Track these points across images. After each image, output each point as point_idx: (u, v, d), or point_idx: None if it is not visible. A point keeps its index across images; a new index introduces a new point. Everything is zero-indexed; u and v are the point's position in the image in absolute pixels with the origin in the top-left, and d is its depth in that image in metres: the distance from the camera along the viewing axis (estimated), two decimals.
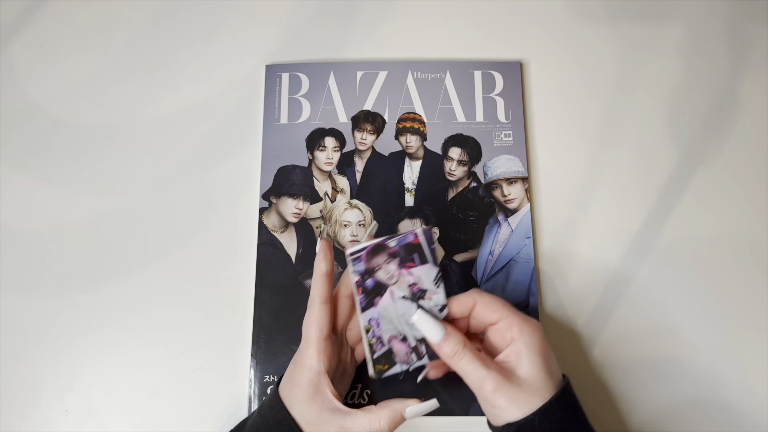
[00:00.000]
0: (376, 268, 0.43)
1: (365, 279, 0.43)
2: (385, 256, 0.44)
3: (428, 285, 0.45)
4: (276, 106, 0.61)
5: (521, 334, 0.43)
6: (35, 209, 0.59)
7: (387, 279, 0.44)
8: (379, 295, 0.44)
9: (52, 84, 0.63)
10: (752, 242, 0.58)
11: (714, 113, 0.62)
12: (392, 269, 0.44)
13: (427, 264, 0.44)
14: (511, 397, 0.42)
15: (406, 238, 0.44)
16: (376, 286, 0.44)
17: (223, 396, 0.53)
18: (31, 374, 0.54)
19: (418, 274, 0.44)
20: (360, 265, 0.43)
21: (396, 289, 0.44)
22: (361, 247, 0.43)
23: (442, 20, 0.65)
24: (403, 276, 0.44)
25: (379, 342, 0.45)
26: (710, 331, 0.55)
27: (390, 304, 0.44)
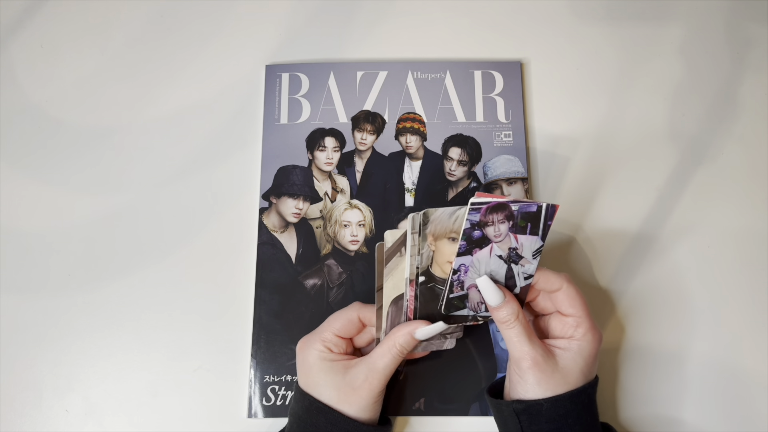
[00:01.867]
0: (489, 223, 0.44)
1: (474, 229, 0.44)
2: (502, 216, 0.44)
3: (526, 254, 0.46)
4: (276, 106, 0.61)
5: (582, 338, 0.46)
6: (35, 209, 0.59)
7: (493, 236, 0.45)
8: (479, 248, 0.45)
9: (52, 84, 0.63)
10: (753, 241, 0.58)
11: (714, 113, 0.62)
12: (503, 229, 0.45)
13: (535, 236, 0.45)
14: (540, 378, 0.44)
15: (529, 207, 0.44)
16: (481, 239, 0.44)
17: (223, 396, 0.53)
18: (31, 374, 0.54)
19: (522, 241, 0.45)
20: (475, 215, 0.44)
21: (497, 247, 0.45)
22: (485, 200, 0.43)
23: (442, 20, 0.65)
24: (508, 238, 0.45)
25: (459, 285, 0.46)
26: (710, 331, 0.55)
27: (485, 258, 0.45)
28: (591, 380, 0.46)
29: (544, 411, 0.44)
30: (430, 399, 0.52)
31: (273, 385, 0.53)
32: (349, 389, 0.46)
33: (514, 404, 0.45)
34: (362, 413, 0.46)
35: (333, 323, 0.49)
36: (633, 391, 0.54)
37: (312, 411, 0.46)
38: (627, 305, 0.56)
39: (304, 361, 0.48)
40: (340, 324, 0.48)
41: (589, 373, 0.46)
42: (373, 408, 0.47)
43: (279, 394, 0.53)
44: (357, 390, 0.46)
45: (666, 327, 0.55)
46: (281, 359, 0.53)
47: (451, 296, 0.46)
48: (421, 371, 0.53)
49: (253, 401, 0.53)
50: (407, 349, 0.47)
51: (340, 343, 0.48)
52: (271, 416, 0.52)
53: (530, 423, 0.45)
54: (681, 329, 0.55)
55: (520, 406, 0.45)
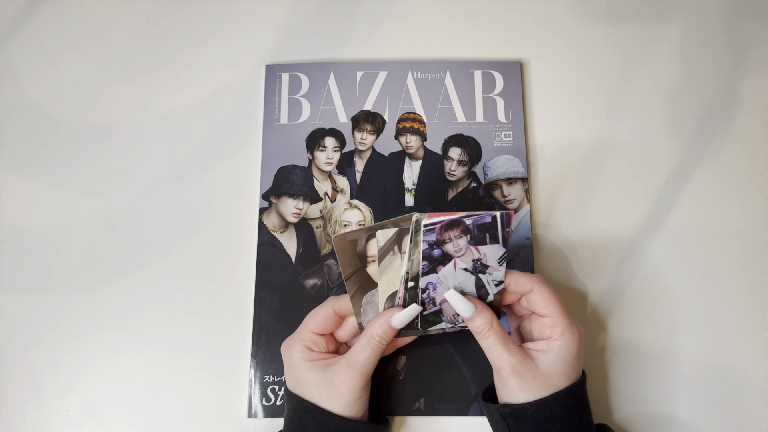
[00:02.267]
0: (446, 240, 0.44)
1: (433, 249, 0.44)
2: (458, 232, 0.44)
3: (491, 262, 0.46)
4: (276, 106, 0.61)
5: (560, 338, 0.46)
6: (35, 209, 0.59)
7: (454, 251, 0.45)
8: (442, 264, 0.45)
9: (52, 84, 0.63)
10: (753, 241, 0.58)
11: (714, 113, 0.62)
12: (461, 244, 0.45)
13: (497, 244, 0.45)
14: (521, 384, 0.45)
15: (483, 219, 0.45)
16: (442, 256, 0.45)
17: (223, 396, 0.53)
18: (31, 374, 0.54)
19: (485, 251, 0.45)
20: (431, 236, 0.44)
21: (460, 261, 0.45)
22: (438, 220, 0.44)
23: (442, 20, 0.65)
24: (470, 251, 0.45)
25: (431, 302, 0.46)
26: (710, 331, 0.55)
27: (451, 273, 0.46)
28: (576, 380, 0.46)
29: (530, 415, 0.44)
30: (430, 399, 0.52)
31: (273, 385, 0.53)
32: (330, 386, 0.46)
33: (501, 408, 0.46)
34: (346, 410, 0.46)
35: (309, 322, 0.48)
36: (628, 390, 0.54)
37: (300, 411, 0.47)
38: (627, 305, 0.56)
39: (288, 363, 0.48)
40: (316, 321, 0.48)
41: (573, 373, 0.46)
42: (357, 405, 0.46)
43: (279, 394, 0.53)
44: (338, 387, 0.46)
45: (666, 327, 0.55)
46: (281, 359, 0.53)
47: (425, 313, 0.47)
48: (421, 371, 0.53)
49: (253, 401, 0.53)
50: (386, 339, 0.47)
51: (319, 340, 0.48)
52: (271, 416, 0.52)
53: (518, 426, 0.45)
54: (681, 329, 0.55)
55: (506, 410, 0.45)
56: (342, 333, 0.50)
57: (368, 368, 0.47)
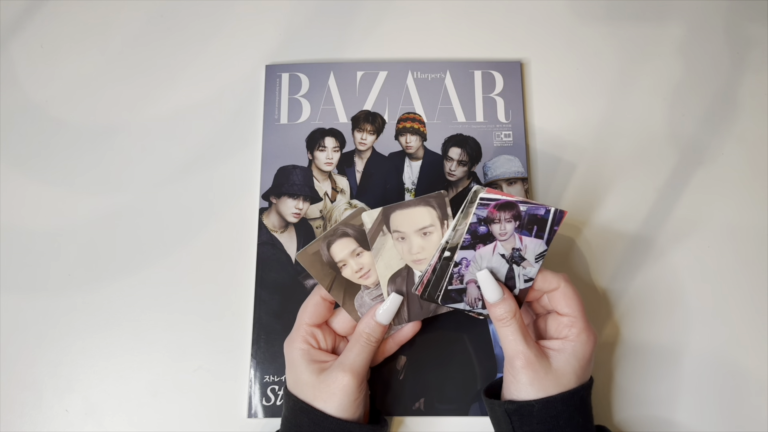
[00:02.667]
0: (495, 220, 0.44)
1: (480, 224, 0.44)
2: (509, 215, 0.44)
3: (529, 256, 0.46)
4: (276, 106, 0.61)
5: (576, 339, 0.46)
6: (35, 209, 0.59)
7: (499, 234, 0.45)
8: (483, 244, 0.45)
9: (52, 84, 0.63)
10: (753, 241, 0.58)
11: (714, 113, 0.62)
12: (508, 228, 0.45)
13: (540, 239, 0.45)
14: (533, 378, 0.45)
15: (537, 209, 0.45)
16: (486, 235, 0.45)
17: (223, 396, 0.53)
18: (31, 374, 0.54)
19: (527, 242, 0.45)
20: (483, 210, 0.44)
21: (500, 245, 0.45)
22: (495, 197, 0.44)
23: (442, 20, 0.65)
24: (513, 237, 0.45)
25: (459, 278, 0.46)
26: (710, 331, 0.55)
27: (488, 255, 0.46)
28: (584, 382, 0.46)
29: (536, 412, 0.44)
30: (430, 399, 0.52)
31: (273, 385, 0.53)
32: (324, 387, 0.46)
33: (506, 404, 0.46)
34: (341, 412, 0.46)
35: (302, 315, 0.49)
36: (629, 392, 0.54)
37: (296, 411, 0.47)
38: (627, 305, 0.56)
39: (288, 360, 0.49)
40: (308, 313, 0.48)
41: (583, 375, 0.46)
42: (353, 406, 0.46)
43: (279, 394, 0.53)
44: (331, 388, 0.46)
45: (665, 327, 0.55)
46: (281, 359, 0.53)
47: (449, 288, 0.47)
48: (421, 371, 0.53)
49: (253, 401, 0.53)
50: (374, 336, 0.47)
51: (317, 333, 0.48)
52: (271, 416, 0.52)
53: (522, 424, 0.45)
54: (680, 329, 0.55)
55: (511, 406, 0.45)
56: (338, 325, 0.50)
57: (359, 367, 0.46)
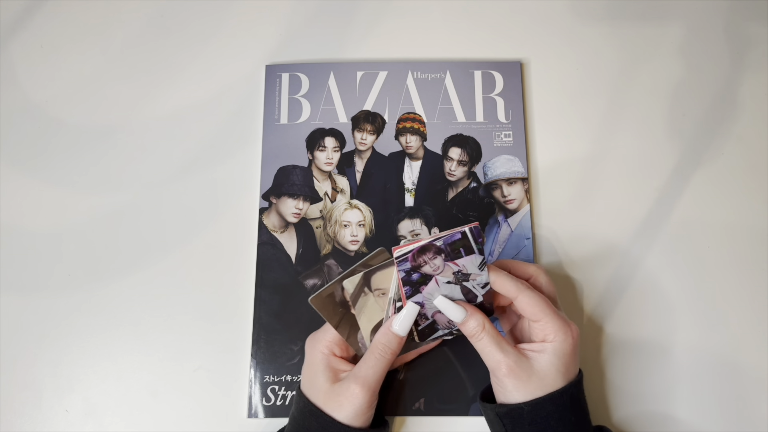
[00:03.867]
0: (422, 264, 0.45)
1: (411, 274, 0.45)
2: (431, 254, 0.45)
3: (472, 270, 0.46)
4: (276, 106, 0.61)
5: (555, 339, 0.46)
6: (35, 209, 0.59)
7: (432, 271, 0.45)
8: (424, 285, 0.45)
9: (52, 84, 0.63)
10: (753, 241, 0.58)
11: (714, 113, 0.62)
12: (438, 263, 0.45)
13: (472, 254, 0.45)
14: (517, 384, 0.45)
15: (453, 237, 0.45)
16: (422, 277, 0.45)
17: (223, 396, 0.53)
18: (31, 374, 0.54)
19: (462, 263, 0.45)
20: (406, 264, 0.44)
21: (440, 277, 0.46)
22: (408, 249, 0.44)
23: (442, 20, 0.65)
24: (448, 266, 0.45)
25: (423, 318, 0.47)
26: (711, 331, 0.55)
27: (435, 288, 0.46)
28: (572, 379, 0.46)
29: (526, 414, 0.44)
30: (430, 399, 0.52)
31: (273, 385, 0.53)
32: (335, 397, 0.46)
33: (498, 408, 0.46)
34: (350, 421, 0.46)
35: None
36: (626, 390, 0.54)
37: (305, 413, 0.47)
38: (627, 305, 0.56)
39: (307, 360, 0.49)
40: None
41: (568, 372, 0.46)
42: (362, 418, 0.46)
43: (279, 394, 0.53)
44: (342, 399, 0.46)
45: (666, 327, 0.55)
46: (281, 359, 0.53)
47: (420, 327, 0.47)
48: (421, 371, 0.53)
49: (253, 401, 0.53)
50: (390, 347, 0.46)
51: (342, 343, 0.49)
52: (271, 416, 0.52)
53: (514, 426, 0.45)
54: (680, 329, 0.55)
55: (502, 410, 0.45)
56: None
57: (372, 380, 0.46)
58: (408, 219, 0.57)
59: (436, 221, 0.57)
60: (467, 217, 0.57)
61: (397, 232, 0.57)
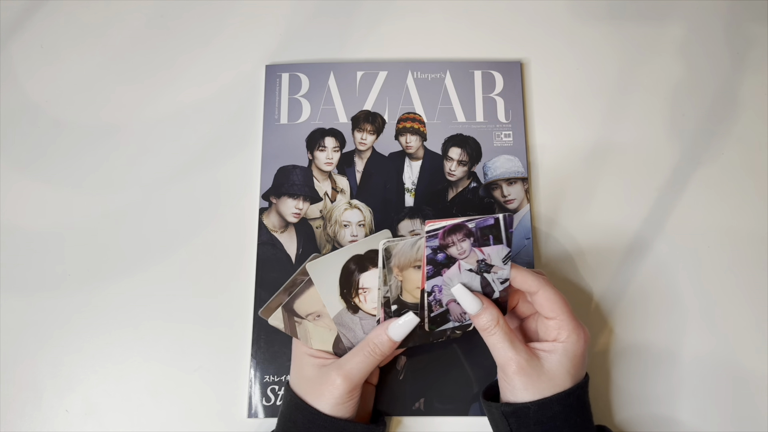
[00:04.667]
0: (450, 245, 0.44)
1: (436, 253, 0.44)
2: (461, 235, 0.44)
3: (496, 261, 0.46)
4: (276, 106, 0.61)
5: (567, 340, 0.46)
6: (35, 209, 0.59)
7: (458, 254, 0.45)
8: (447, 267, 0.45)
9: (52, 84, 0.63)
10: (752, 242, 0.58)
11: (714, 113, 0.62)
12: (465, 247, 0.45)
13: (500, 244, 0.45)
14: (526, 383, 0.45)
15: (485, 221, 0.45)
16: (447, 259, 0.45)
17: (223, 396, 0.53)
18: (31, 374, 0.54)
19: (488, 252, 0.45)
20: (434, 241, 0.44)
21: (464, 263, 0.45)
22: (440, 225, 0.44)
23: (442, 20, 0.65)
24: (474, 252, 0.45)
25: (438, 304, 0.46)
26: (710, 330, 0.55)
27: (456, 275, 0.46)
28: (579, 381, 0.46)
29: (532, 414, 0.44)
30: (430, 399, 0.52)
31: (273, 385, 0.53)
32: (317, 384, 0.46)
33: (503, 407, 0.46)
34: (333, 410, 0.46)
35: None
36: (628, 392, 0.54)
37: (291, 407, 0.47)
38: (626, 304, 0.56)
39: (294, 354, 0.49)
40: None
41: (577, 374, 0.46)
42: (344, 407, 0.46)
43: (279, 394, 0.53)
44: (322, 387, 0.46)
45: (664, 326, 0.55)
46: (281, 359, 0.53)
47: (432, 314, 0.46)
48: (421, 371, 0.53)
49: (253, 401, 0.53)
50: (381, 349, 0.46)
51: None
52: (271, 416, 0.52)
53: (519, 426, 0.45)
54: (680, 329, 0.55)
55: (508, 408, 0.45)
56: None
57: (356, 374, 0.46)
58: (408, 219, 0.57)
59: None
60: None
61: (397, 232, 0.57)
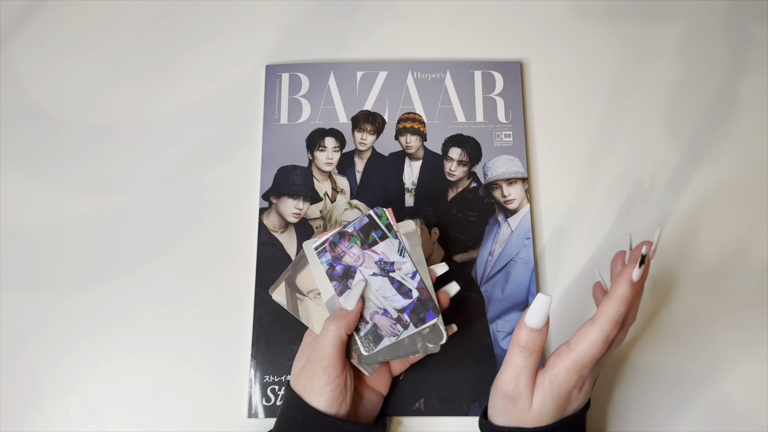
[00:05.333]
0: (341, 255, 0.45)
1: (334, 267, 0.45)
2: (347, 242, 0.46)
3: (393, 257, 0.46)
4: (276, 106, 0.61)
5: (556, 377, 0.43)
6: (35, 209, 0.59)
7: (354, 261, 0.46)
8: (351, 278, 0.46)
9: (52, 84, 0.63)
10: (752, 241, 0.58)
11: (714, 113, 0.62)
12: (356, 252, 0.46)
13: (387, 239, 0.46)
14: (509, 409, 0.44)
15: (362, 221, 0.46)
16: (345, 270, 0.45)
17: (223, 396, 0.53)
18: (31, 374, 0.54)
19: (381, 249, 0.46)
20: (326, 255, 0.45)
21: (364, 268, 0.46)
22: (322, 239, 0.45)
23: (442, 20, 0.65)
24: (368, 256, 0.46)
25: (362, 320, 0.46)
26: (710, 330, 0.55)
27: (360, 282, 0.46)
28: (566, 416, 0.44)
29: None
30: (430, 399, 0.52)
31: (273, 385, 0.53)
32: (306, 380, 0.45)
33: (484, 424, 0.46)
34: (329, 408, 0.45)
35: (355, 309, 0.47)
36: (631, 393, 0.54)
37: (291, 405, 0.46)
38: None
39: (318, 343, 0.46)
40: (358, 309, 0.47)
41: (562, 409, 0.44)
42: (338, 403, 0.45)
43: (279, 394, 0.53)
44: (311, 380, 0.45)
45: (667, 326, 0.55)
46: (281, 359, 0.53)
47: (361, 333, 0.45)
48: (421, 371, 0.53)
49: (253, 401, 0.53)
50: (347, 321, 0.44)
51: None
52: (271, 416, 0.52)
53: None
54: (680, 329, 0.55)
55: (486, 428, 0.45)
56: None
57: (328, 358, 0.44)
58: (408, 219, 0.57)
59: (436, 221, 0.57)
60: (467, 217, 0.57)
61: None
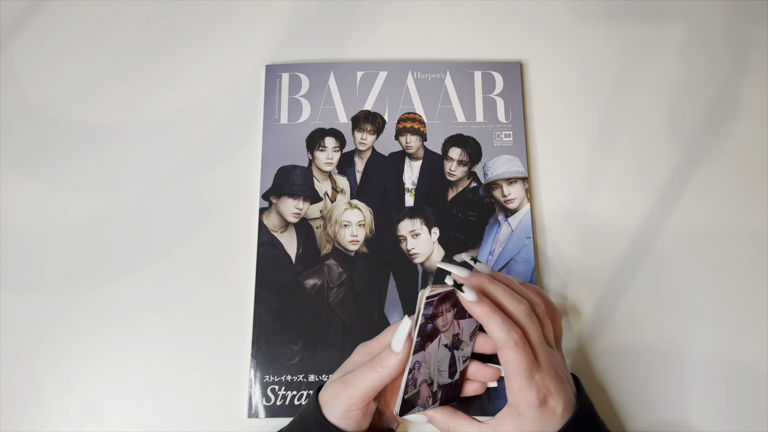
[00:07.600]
0: (438, 315, 0.43)
1: (427, 323, 0.43)
2: (448, 305, 0.43)
3: (465, 337, 0.45)
4: (276, 106, 0.61)
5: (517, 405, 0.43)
6: (35, 209, 0.59)
7: (442, 326, 0.44)
8: (430, 341, 0.44)
9: (52, 84, 0.63)
10: (753, 241, 0.58)
11: (714, 113, 0.62)
12: (449, 318, 0.44)
13: (472, 318, 0.44)
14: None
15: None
16: (432, 331, 0.44)
17: (223, 396, 0.53)
18: (31, 374, 0.54)
19: (463, 325, 0.45)
20: (430, 309, 0.43)
21: (443, 336, 0.44)
22: (438, 291, 0.42)
23: (442, 20, 0.65)
24: (453, 325, 0.44)
25: (413, 384, 0.44)
26: (710, 330, 0.55)
27: (435, 350, 0.44)
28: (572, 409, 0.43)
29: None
30: None
31: (273, 385, 0.53)
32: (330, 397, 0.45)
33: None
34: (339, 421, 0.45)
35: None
36: (638, 398, 0.54)
37: (311, 418, 0.46)
38: (628, 305, 0.56)
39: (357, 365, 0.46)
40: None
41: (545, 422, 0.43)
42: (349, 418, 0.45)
43: (279, 394, 0.53)
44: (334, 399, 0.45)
45: (667, 327, 0.55)
46: (281, 359, 0.53)
47: (406, 396, 0.44)
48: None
49: (253, 401, 0.53)
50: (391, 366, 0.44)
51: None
52: (271, 416, 0.52)
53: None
54: (681, 329, 0.55)
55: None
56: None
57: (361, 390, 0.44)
58: (408, 219, 0.57)
59: (436, 221, 0.57)
60: (467, 217, 0.57)
61: (397, 232, 0.57)
